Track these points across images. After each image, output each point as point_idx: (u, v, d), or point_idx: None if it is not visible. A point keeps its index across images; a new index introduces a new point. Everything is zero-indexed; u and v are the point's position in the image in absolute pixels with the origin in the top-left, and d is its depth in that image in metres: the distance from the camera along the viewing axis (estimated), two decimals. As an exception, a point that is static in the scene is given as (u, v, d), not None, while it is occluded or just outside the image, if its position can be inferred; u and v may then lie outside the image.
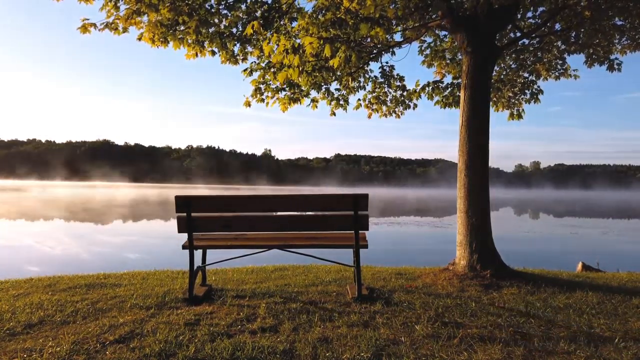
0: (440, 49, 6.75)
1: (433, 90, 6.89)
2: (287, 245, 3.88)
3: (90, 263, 9.47)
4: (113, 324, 3.07)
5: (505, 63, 6.77)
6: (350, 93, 6.87)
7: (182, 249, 3.83)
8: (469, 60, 4.90)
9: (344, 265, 4.79)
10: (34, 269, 8.18)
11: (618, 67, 5.81)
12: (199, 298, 3.77)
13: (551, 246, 14.26)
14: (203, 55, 5.56)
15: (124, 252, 11.50)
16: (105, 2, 4.83)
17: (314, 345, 2.70)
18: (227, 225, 3.85)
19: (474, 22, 4.89)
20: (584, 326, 3.14)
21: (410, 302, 3.69)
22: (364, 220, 3.79)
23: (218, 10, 5.28)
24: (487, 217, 4.79)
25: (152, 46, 5.15)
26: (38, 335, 2.89)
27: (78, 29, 4.73)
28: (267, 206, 4.00)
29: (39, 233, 14.95)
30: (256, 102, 6.36)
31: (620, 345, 2.75)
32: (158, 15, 4.79)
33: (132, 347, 2.65)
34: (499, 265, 4.70)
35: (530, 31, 5.66)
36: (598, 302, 3.83)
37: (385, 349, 2.66)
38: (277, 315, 3.32)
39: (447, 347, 2.70)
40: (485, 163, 4.89)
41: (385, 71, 6.82)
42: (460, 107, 5.03)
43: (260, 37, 5.78)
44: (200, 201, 3.83)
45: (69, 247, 11.96)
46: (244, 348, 2.64)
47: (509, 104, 7.01)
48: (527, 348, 2.70)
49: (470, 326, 3.11)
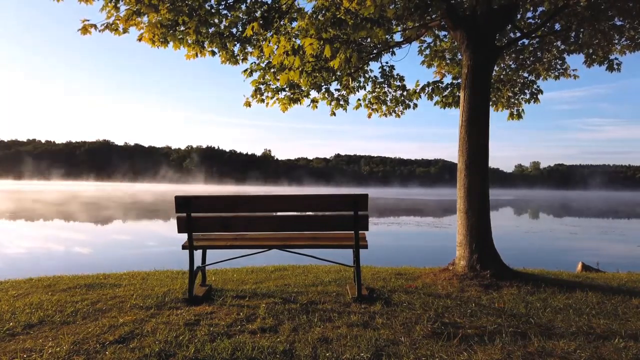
0: (440, 49, 6.75)
1: (433, 91, 6.89)
2: (287, 246, 3.88)
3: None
4: (113, 324, 3.07)
5: (505, 63, 6.77)
6: (350, 93, 6.87)
7: (182, 249, 3.83)
8: (469, 60, 4.90)
9: (343, 266, 4.79)
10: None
11: (618, 67, 5.82)
12: (199, 298, 3.77)
13: (551, 246, 14.27)
14: (203, 55, 5.56)
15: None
16: (105, 3, 4.83)
17: (314, 346, 2.70)
18: (227, 226, 3.84)
19: (474, 22, 4.89)
20: (584, 326, 3.14)
21: (410, 303, 3.69)
22: (364, 221, 3.79)
23: (218, 10, 5.28)
24: (487, 217, 4.79)
25: (152, 46, 5.15)
26: (38, 335, 2.89)
27: (78, 30, 4.74)
28: (267, 206, 4.00)
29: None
30: (256, 102, 6.37)
31: (620, 345, 2.75)
32: (158, 15, 4.79)
33: (132, 348, 2.65)
34: (499, 265, 4.70)
35: (530, 31, 5.66)
36: (598, 302, 3.83)
37: (385, 349, 2.66)
38: (277, 315, 3.32)
39: (447, 347, 2.70)
40: (485, 163, 4.89)
41: (385, 71, 6.82)
42: (460, 107, 5.04)
43: (260, 38, 5.78)
44: (200, 201, 3.83)
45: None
46: (244, 348, 2.64)
47: (508, 103, 7.01)
48: (527, 348, 2.70)
49: (470, 326, 3.11)
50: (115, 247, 12.53)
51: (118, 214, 24.54)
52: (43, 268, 7.57)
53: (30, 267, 8.59)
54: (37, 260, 9.91)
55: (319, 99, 6.74)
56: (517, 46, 6.27)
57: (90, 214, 23.74)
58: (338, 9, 5.06)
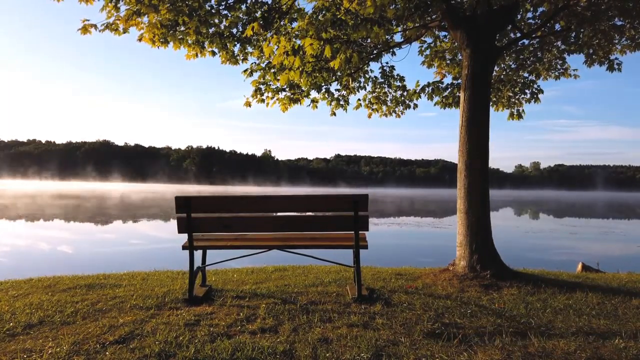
0: (440, 49, 6.75)
1: (433, 91, 6.89)
2: (287, 246, 3.88)
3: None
4: (113, 325, 3.07)
5: (506, 63, 6.77)
6: (351, 93, 6.87)
7: (182, 249, 3.83)
8: (469, 60, 4.89)
9: (343, 266, 4.79)
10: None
11: (618, 67, 5.81)
12: (199, 298, 3.77)
13: (551, 246, 14.26)
14: (203, 55, 5.56)
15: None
16: (105, 3, 4.83)
17: (314, 346, 2.70)
18: (227, 226, 3.84)
19: (474, 22, 4.89)
20: (584, 327, 3.14)
21: (410, 303, 3.69)
22: (364, 221, 3.79)
23: (218, 10, 5.28)
24: (487, 218, 4.79)
25: (153, 47, 5.15)
26: (38, 335, 2.89)
27: (79, 30, 4.74)
28: (267, 207, 4.00)
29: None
30: (256, 102, 6.36)
31: (621, 345, 2.75)
32: (158, 15, 4.79)
33: (132, 348, 2.65)
34: (499, 265, 4.69)
35: (530, 31, 5.65)
36: (598, 302, 3.83)
37: (385, 349, 2.66)
38: (277, 315, 3.31)
39: (447, 348, 2.70)
40: (485, 163, 4.89)
41: (386, 71, 6.82)
42: (460, 107, 5.03)
43: (260, 38, 5.78)
44: (200, 201, 3.83)
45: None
46: (244, 349, 2.63)
47: (509, 103, 7.01)
48: (527, 349, 2.69)
49: (470, 327, 3.11)
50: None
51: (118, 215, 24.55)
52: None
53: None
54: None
55: (319, 99, 6.73)
56: (517, 46, 6.26)
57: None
58: (338, 9, 5.06)
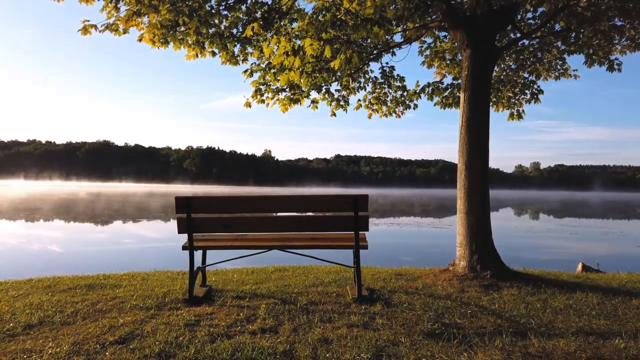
0: (440, 49, 6.75)
1: (433, 91, 6.90)
2: (287, 246, 3.88)
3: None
4: (113, 325, 3.07)
5: (505, 63, 6.77)
6: (351, 94, 6.87)
7: (182, 249, 3.83)
8: (469, 60, 4.90)
9: (343, 266, 4.79)
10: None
11: (618, 68, 5.82)
12: (199, 299, 3.77)
13: (551, 247, 14.26)
14: (203, 56, 5.56)
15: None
16: (105, 3, 4.83)
17: (314, 346, 2.70)
18: (227, 226, 3.84)
19: (474, 22, 4.89)
20: (584, 327, 3.14)
21: (410, 303, 3.69)
22: (364, 221, 3.79)
23: (218, 11, 5.28)
24: (487, 218, 4.79)
25: (153, 47, 5.15)
26: (38, 336, 2.89)
27: (79, 31, 4.74)
28: (267, 207, 4.00)
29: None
30: (256, 103, 6.36)
31: (621, 345, 2.75)
32: (158, 16, 4.79)
33: (132, 348, 2.65)
34: (499, 265, 4.69)
35: (530, 31, 5.66)
36: (598, 302, 3.83)
37: (385, 349, 2.66)
38: (277, 316, 3.31)
39: (447, 348, 2.70)
40: (485, 163, 4.89)
41: (386, 72, 6.82)
42: (460, 107, 5.03)
43: (260, 38, 5.78)
44: (201, 202, 3.83)
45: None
46: (244, 349, 2.63)
47: (509, 104, 7.01)
48: (528, 349, 2.69)
49: (470, 327, 3.10)
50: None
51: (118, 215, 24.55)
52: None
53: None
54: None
55: (319, 100, 6.73)
56: (517, 46, 6.26)
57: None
58: (338, 9, 5.06)
